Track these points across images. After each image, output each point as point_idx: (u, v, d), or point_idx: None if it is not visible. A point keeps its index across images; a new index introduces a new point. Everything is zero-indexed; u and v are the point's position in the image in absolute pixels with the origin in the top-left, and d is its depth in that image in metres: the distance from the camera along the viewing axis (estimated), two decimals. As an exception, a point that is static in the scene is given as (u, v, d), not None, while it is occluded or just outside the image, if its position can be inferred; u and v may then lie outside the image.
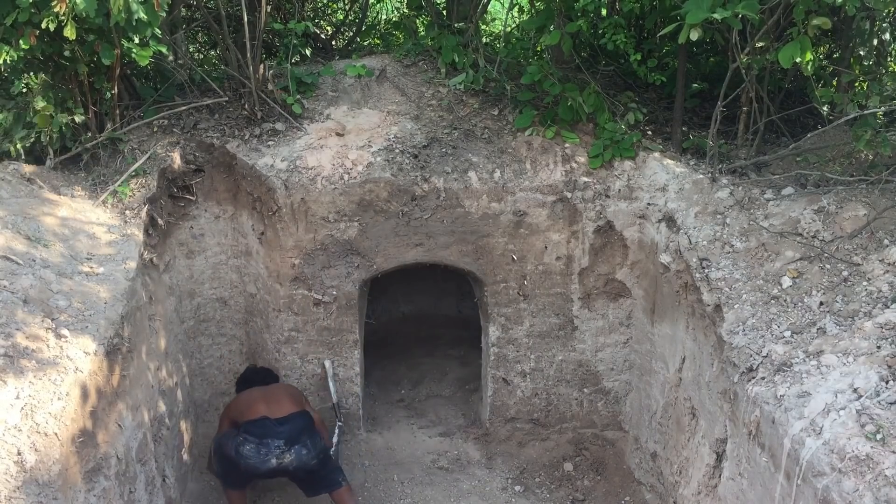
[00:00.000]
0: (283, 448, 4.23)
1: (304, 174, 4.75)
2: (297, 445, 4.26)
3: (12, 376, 2.94)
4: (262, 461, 4.20)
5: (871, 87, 4.50)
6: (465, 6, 5.60)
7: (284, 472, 4.34)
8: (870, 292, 3.49)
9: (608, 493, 5.09)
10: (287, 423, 4.29)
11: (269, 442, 4.21)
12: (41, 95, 4.27)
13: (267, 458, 4.20)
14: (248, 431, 4.25)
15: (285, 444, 4.23)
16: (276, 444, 4.21)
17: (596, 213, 4.92)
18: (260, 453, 4.20)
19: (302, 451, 4.27)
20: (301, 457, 4.27)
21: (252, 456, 4.20)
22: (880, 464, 2.64)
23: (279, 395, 4.51)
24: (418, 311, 7.25)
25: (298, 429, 4.31)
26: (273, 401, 4.42)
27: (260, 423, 4.26)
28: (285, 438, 4.23)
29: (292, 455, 4.25)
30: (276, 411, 4.33)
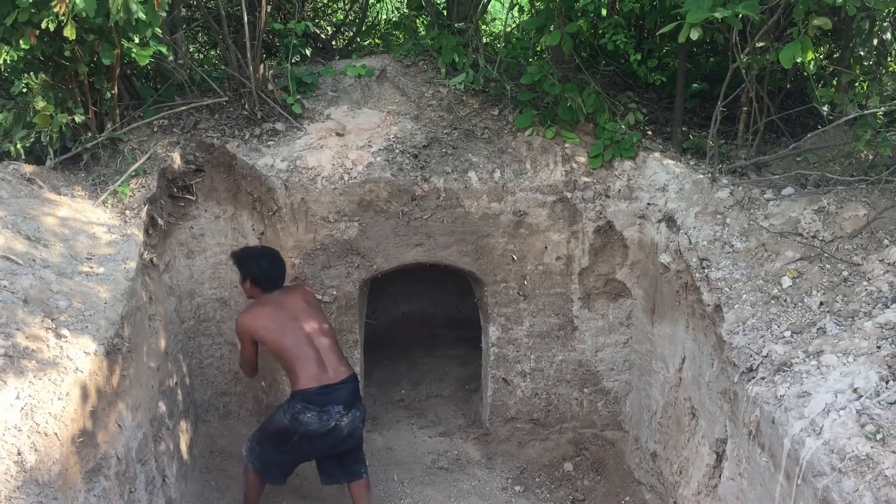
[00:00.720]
0: (343, 412, 4.22)
1: (304, 174, 4.75)
2: (353, 409, 4.27)
3: (12, 376, 2.94)
4: (322, 425, 4.18)
5: (871, 87, 4.51)
6: (465, 6, 5.60)
7: (336, 437, 4.27)
8: (870, 292, 3.49)
9: (608, 493, 5.09)
10: (345, 387, 4.24)
11: (329, 409, 4.19)
12: (41, 95, 4.26)
13: (328, 422, 4.19)
14: (309, 401, 4.18)
15: (344, 408, 4.22)
16: (336, 409, 4.19)
17: (596, 213, 4.92)
18: (321, 420, 4.18)
19: (356, 413, 4.29)
20: (355, 419, 4.28)
21: (314, 422, 4.17)
22: (880, 464, 2.64)
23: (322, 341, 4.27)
24: (418, 311, 7.25)
25: (353, 392, 4.30)
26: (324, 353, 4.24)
27: (323, 392, 4.19)
28: (344, 403, 4.22)
29: (349, 418, 4.25)
30: (334, 376, 4.24)
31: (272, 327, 4.23)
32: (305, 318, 4.27)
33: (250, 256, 4.44)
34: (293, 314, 4.28)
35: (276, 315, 4.26)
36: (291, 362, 4.21)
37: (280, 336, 4.21)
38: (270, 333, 4.22)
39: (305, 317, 4.28)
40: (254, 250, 4.57)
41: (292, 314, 4.28)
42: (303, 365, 4.19)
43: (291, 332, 4.21)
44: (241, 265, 4.45)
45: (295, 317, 4.27)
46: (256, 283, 4.39)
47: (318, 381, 4.18)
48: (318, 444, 4.32)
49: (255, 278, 4.39)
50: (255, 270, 4.37)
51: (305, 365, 4.19)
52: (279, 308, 4.29)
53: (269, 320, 4.25)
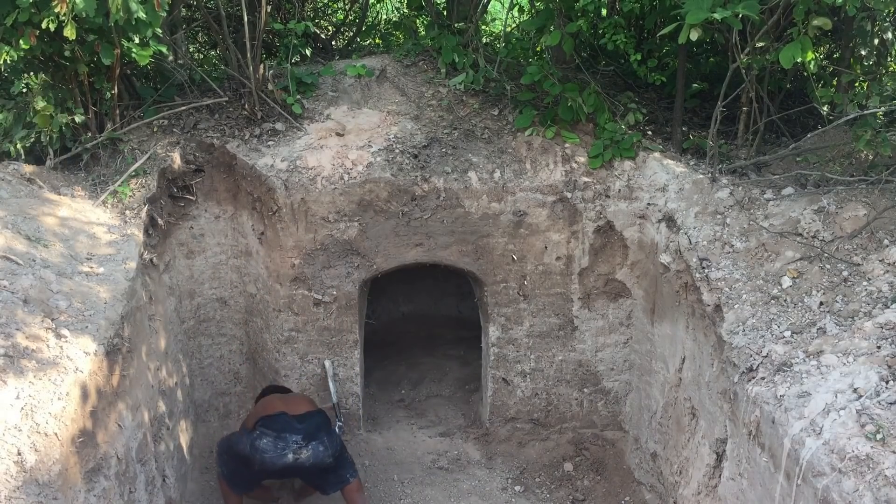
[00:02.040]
0: (301, 443, 4.20)
1: (304, 174, 4.75)
2: (314, 442, 4.24)
3: (12, 376, 2.94)
4: (278, 455, 4.16)
5: (871, 87, 4.51)
6: (465, 6, 5.60)
7: (299, 469, 4.30)
8: (870, 292, 3.49)
9: (608, 493, 5.09)
10: (305, 421, 4.29)
11: (286, 436, 4.18)
12: (41, 95, 4.27)
13: (284, 452, 4.16)
14: (266, 426, 4.21)
15: (303, 439, 4.21)
16: (293, 438, 4.19)
17: (596, 213, 4.92)
18: (277, 447, 4.15)
19: (319, 447, 4.25)
20: (318, 453, 4.25)
21: (269, 450, 4.15)
22: (880, 464, 2.64)
23: (297, 398, 4.57)
24: (418, 311, 7.25)
25: (316, 426, 4.31)
26: (291, 402, 4.45)
27: (278, 419, 4.24)
28: (303, 434, 4.22)
29: (309, 451, 4.22)
30: (294, 409, 4.34)
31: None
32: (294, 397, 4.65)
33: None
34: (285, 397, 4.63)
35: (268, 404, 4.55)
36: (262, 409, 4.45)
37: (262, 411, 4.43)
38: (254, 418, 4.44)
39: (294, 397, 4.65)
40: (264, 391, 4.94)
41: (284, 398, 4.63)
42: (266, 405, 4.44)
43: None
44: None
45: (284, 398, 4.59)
46: None
47: (277, 409, 4.33)
48: (282, 473, 4.37)
49: None
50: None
51: (269, 404, 4.45)
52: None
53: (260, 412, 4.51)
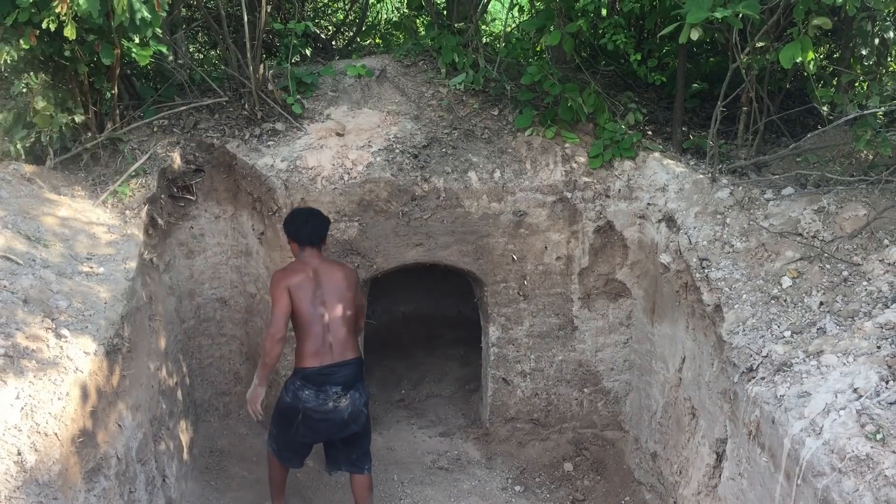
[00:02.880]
0: (340, 393, 4.27)
1: (304, 174, 4.75)
2: (352, 390, 4.30)
3: (12, 376, 2.94)
4: (320, 404, 4.24)
5: (872, 87, 4.50)
6: (465, 6, 5.60)
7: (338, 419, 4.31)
8: (870, 292, 3.49)
9: (608, 493, 5.09)
10: (345, 367, 4.29)
11: (327, 389, 4.25)
12: (41, 95, 4.27)
13: (326, 402, 4.25)
14: (307, 379, 4.26)
15: (343, 388, 4.27)
16: (333, 390, 4.25)
17: (596, 213, 4.92)
18: (318, 399, 4.25)
19: (356, 395, 4.32)
20: (356, 401, 4.32)
21: (311, 401, 4.25)
22: (880, 464, 2.64)
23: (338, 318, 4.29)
24: (418, 311, 7.25)
25: (353, 374, 4.32)
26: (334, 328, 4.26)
27: (319, 372, 4.26)
28: (342, 384, 4.26)
29: (348, 399, 4.28)
30: (334, 356, 4.27)
31: (300, 290, 4.22)
32: (331, 298, 4.27)
33: (289, 216, 4.45)
34: (321, 290, 4.26)
35: (306, 282, 4.24)
36: (302, 334, 4.27)
37: (301, 302, 4.21)
38: (297, 293, 4.21)
39: (331, 297, 4.28)
40: (295, 210, 4.55)
41: (320, 290, 4.26)
42: (310, 342, 4.25)
43: (311, 306, 4.22)
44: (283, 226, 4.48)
45: (321, 292, 4.26)
46: (292, 237, 4.38)
47: (319, 361, 4.24)
48: (322, 426, 4.32)
49: (289, 233, 4.39)
50: (289, 227, 4.39)
51: (312, 343, 4.25)
52: (311, 278, 4.27)
53: (299, 280, 4.23)
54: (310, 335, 4.24)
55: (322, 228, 4.38)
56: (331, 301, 4.27)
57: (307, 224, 4.33)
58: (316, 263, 4.31)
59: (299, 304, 4.21)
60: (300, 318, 4.24)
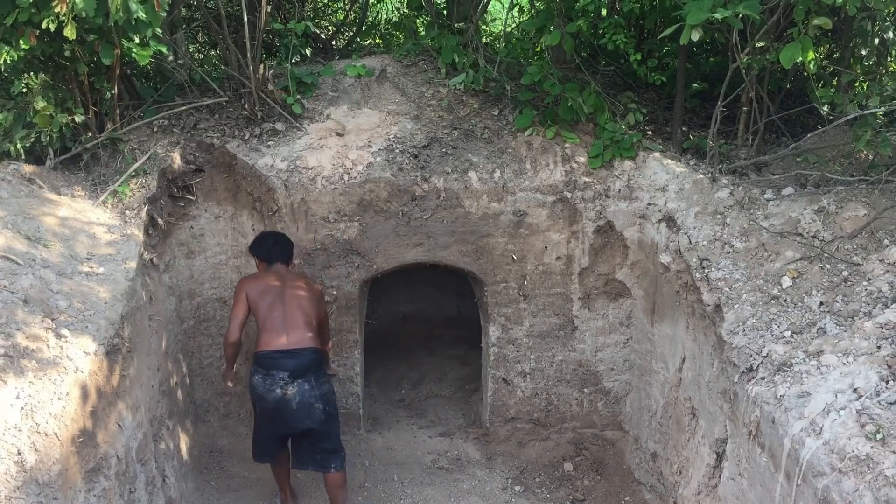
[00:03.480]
0: (287, 380, 4.28)
1: (304, 174, 4.75)
2: (300, 380, 4.30)
3: (12, 376, 2.94)
4: (266, 390, 4.29)
5: (871, 87, 4.50)
6: (465, 6, 5.60)
7: (287, 409, 4.31)
8: (870, 292, 3.49)
9: (608, 493, 5.09)
10: (296, 355, 4.30)
11: (274, 374, 4.29)
12: (41, 95, 4.27)
13: (272, 388, 4.28)
14: (258, 363, 4.34)
15: (290, 376, 4.28)
16: (280, 375, 4.28)
17: (596, 213, 4.92)
18: (265, 384, 4.29)
19: (305, 386, 4.31)
20: (305, 393, 4.30)
21: (259, 386, 4.31)
22: (880, 464, 2.63)
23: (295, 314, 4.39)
24: (418, 311, 7.26)
25: (305, 364, 4.32)
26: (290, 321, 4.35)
27: (268, 355, 4.31)
28: (290, 371, 4.28)
29: (295, 389, 4.28)
30: (286, 342, 4.32)
31: (257, 291, 4.40)
32: (292, 298, 4.40)
33: (256, 239, 4.67)
34: (283, 291, 4.41)
35: (268, 288, 4.41)
36: (260, 327, 4.38)
37: (259, 300, 4.37)
38: (254, 294, 4.39)
39: (292, 298, 4.41)
40: (261, 234, 4.75)
41: (282, 290, 4.41)
42: (266, 329, 4.35)
43: (270, 301, 4.36)
44: (251, 248, 4.68)
45: (283, 293, 4.41)
46: (261, 258, 4.59)
47: (270, 345, 4.31)
48: (272, 416, 4.35)
49: (258, 255, 4.60)
50: (258, 248, 4.60)
51: (268, 330, 4.34)
52: (274, 284, 4.43)
53: (259, 285, 4.42)
54: (266, 326, 4.36)
55: (288, 248, 4.59)
56: (291, 303, 4.39)
57: (276, 245, 4.56)
58: (283, 274, 4.50)
59: (257, 307, 4.38)
60: (259, 316, 4.38)
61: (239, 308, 4.41)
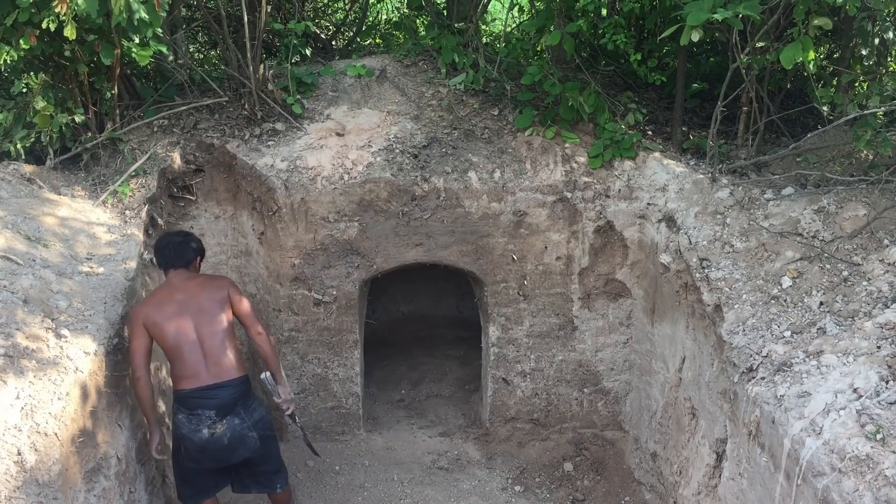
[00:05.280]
0: (214, 419, 3.85)
1: (304, 174, 4.76)
2: (230, 416, 3.87)
3: (12, 376, 2.94)
4: (192, 430, 3.84)
5: (872, 87, 4.51)
6: (465, 6, 5.60)
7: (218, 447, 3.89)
8: (870, 292, 3.49)
9: (608, 493, 5.09)
10: (221, 390, 3.85)
11: (199, 413, 3.83)
12: (41, 95, 4.27)
13: (199, 428, 3.83)
14: (181, 402, 3.87)
15: (217, 414, 3.85)
16: (206, 414, 3.83)
17: (596, 213, 4.92)
18: (191, 424, 3.84)
19: (235, 421, 3.88)
20: (235, 428, 3.88)
21: (184, 426, 3.86)
22: (880, 464, 2.63)
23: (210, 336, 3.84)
24: (418, 311, 7.26)
25: (232, 397, 3.88)
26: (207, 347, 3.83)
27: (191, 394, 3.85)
28: (217, 408, 3.84)
29: (225, 426, 3.86)
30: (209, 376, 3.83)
31: (157, 316, 3.78)
32: (202, 316, 3.86)
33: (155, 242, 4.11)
34: (189, 311, 3.85)
35: (166, 304, 3.83)
36: (172, 359, 3.87)
37: (162, 325, 3.78)
38: (155, 326, 3.78)
39: (202, 315, 3.86)
40: (160, 235, 4.20)
41: (188, 310, 3.85)
42: (181, 363, 3.85)
43: (176, 326, 3.80)
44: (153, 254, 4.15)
45: (188, 310, 3.85)
46: (158, 265, 4.07)
47: (192, 382, 3.84)
48: (202, 455, 3.91)
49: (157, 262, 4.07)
50: (154, 254, 4.05)
51: (184, 363, 3.84)
52: (172, 296, 3.87)
53: (157, 309, 3.80)
54: (179, 357, 3.84)
55: (183, 250, 3.99)
56: (201, 319, 3.85)
57: (168, 248, 3.98)
58: (181, 284, 3.92)
59: (161, 335, 3.79)
60: (165, 346, 3.84)
61: (137, 341, 3.73)
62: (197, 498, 4.10)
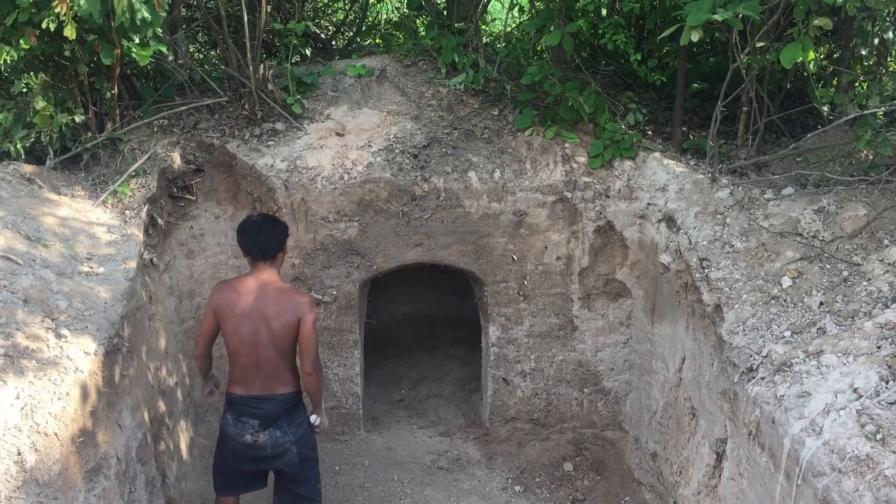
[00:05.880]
0: (258, 429, 3.95)
1: (304, 174, 4.75)
2: (272, 429, 3.95)
3: (12, 376, 2.94)
4: (237, 433, 3.96)
5: (871, 87, 4.51)
6: (465, 6, 5.60)
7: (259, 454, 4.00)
8: (870, 292, 3.49)
9: (608, 493, 5.09)
10: (267, 402, 3.93)
11: (245, 420, 3.95)
12: (41, 95, 4.26)
13: (243, 434, 3.95)
14: (229, 404, 4.00)
15: (260, 425, 3.94)
16: (250, 423, 3.94)
17: (596, 213, 4.92)
18: (236, 428, 3.97)
19: (277, 434, 3.96)
20: (277, 440, 3.96)
21: (229, 427, 3.99)
22: (880, 464, 2.63)
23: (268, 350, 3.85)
24: (418, 311, 7.26)
25: (276, 412, 3.95)
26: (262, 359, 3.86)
27: (240, 400, 3.96)
28: (260, 419, 3.93)
29: (267, 436, 3.95)
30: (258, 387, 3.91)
31: (228, 309, 3.84)
32: (266, 324, 3.84)
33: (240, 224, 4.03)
34: (256, 313, 3.83)
35: (239, 301, 3.83)
36: (230, 358, 3.96)
37: (228, 320, 3.84)
38: (226, 317, 3.85)
39: (266, 323, 3.84)
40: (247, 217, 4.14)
41: (255, 312, 3.83)
42: (236, 366, 3.93)
43: (239, 327, 3.83)
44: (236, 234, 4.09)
45: (254, 315, 3.83)
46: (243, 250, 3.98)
47: (243, 389, 3.93)
48: (243, 455, 4.03)
49: (240, 244, 3.99)
50: (238, 236, 3.97)
51: (238, 367, 3.93)
52: (248, 295, 3.84)
53: (231, 301, 3.84)
54: (237, 361, 3.91)
55: (272, 240, 3.89)
56: (265, 332, 3.83)
57: (259, 236, 3.88)
58: (259, 286, 3.86)
59: (225, 330, 3.86)
60: (227, 342, 3.90)
61: (207, 323, 3.91)
62: (227, 490, 4.23)
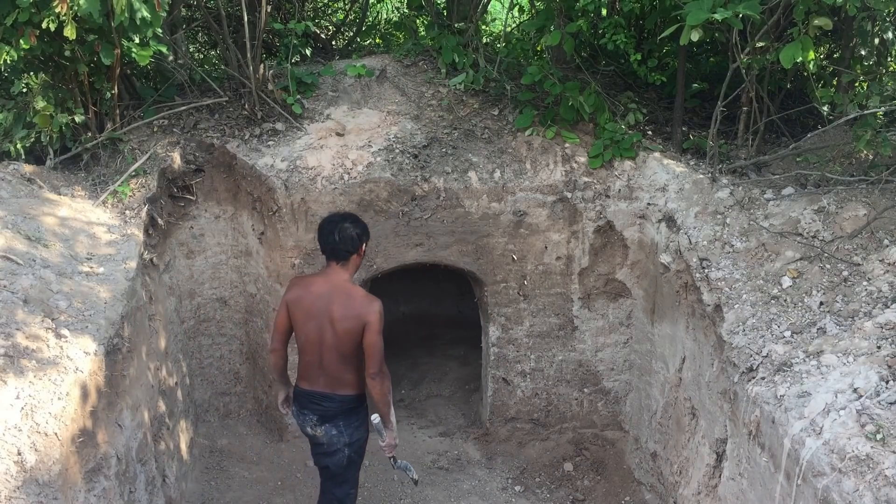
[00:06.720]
0: (316, 423, 4.07)
1: (304, 174, 4.75)
2: (328, 425, 4.06)
3: (12, 376, 2.94)
4: (301, 422, 4.14)
5: (872, 87, 4.51)
6: (465, 6, 5.60)
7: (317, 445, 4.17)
8: (870, 292, 3.49)
9: (608, 493, 5.09)
10: (326, 400, 4.01)
11: (306, 413, 4.10)
12: (41, 95, 4.27)
13: (304, 424, 4.12)
14: (296, 395, 4.15)
15: (318, 420, 4.06)
16: (310, 417, 4.08)
17: (596, 213, 4.92)
18: (299, 418, 4.16)
19: (333, 432, 4.06)
20: (332, 437, 4.07)
21: (295, 415, 4.18)
22: (880, 464, 2.64)
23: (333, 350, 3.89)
24: (418, 311, 7.25)
25: (334, 410, 4.03)
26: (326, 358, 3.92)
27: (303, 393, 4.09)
28: (319, 415, 4.04)
29: (323, 431, 4.07)
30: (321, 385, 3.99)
31: (299, 306, 3.90)
32: (332, 325, 3.85)
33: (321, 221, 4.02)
34: (324, 313, 3.84)
35: (310, 299, 3.87)
36: (300, 352, 4.05)
37: (298, 315, 3.91)
38: (298, 313, 3.91)
39: (332, 324, 3.85)
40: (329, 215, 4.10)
41: (323, 312, 3.85)
42: (303, 360, 4.05)
43: (307, 323, 3.89)
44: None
45: (322, 314, 3.85)
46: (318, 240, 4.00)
47: (307, 384, 4.04)
48: (312, 441, 4.20)
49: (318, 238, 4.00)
50: (318, 232, 3.98)
51: (304, 362, 4.05)
52: (319, 294, 3.86)
53: (303, 297, 3.89)
54: (304, 357, 4.02)
55: (347, 243, 3.84)
56: (330, 332, 3.86)
57: (334, 235, 3.84)
58: (329, 287, 3.87)
59: (296, 325, 3.95)
60: (296, 336, 4.00)
61: (280, 316, 3.99)
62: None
